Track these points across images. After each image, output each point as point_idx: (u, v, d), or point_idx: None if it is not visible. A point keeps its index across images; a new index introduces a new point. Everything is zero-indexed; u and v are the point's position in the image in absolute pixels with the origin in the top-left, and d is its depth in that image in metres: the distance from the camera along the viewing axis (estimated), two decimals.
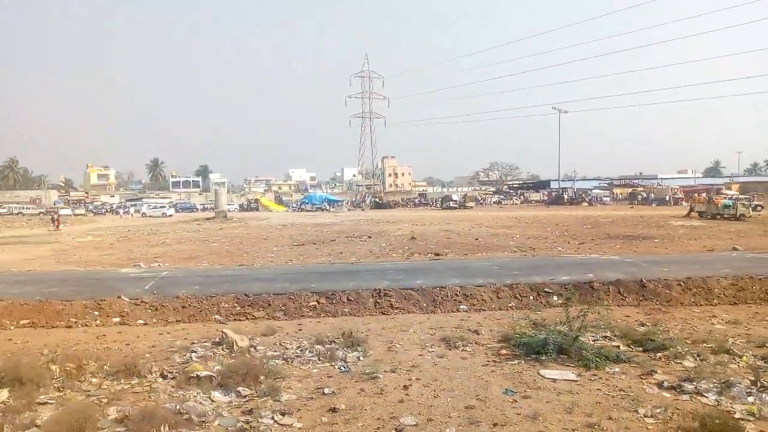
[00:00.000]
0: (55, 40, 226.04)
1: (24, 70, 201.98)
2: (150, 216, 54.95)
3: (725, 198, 37.74)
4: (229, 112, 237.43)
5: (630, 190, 72.89)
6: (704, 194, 43.01)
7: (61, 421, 5.36)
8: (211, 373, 7.13)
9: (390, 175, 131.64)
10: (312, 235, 29.40)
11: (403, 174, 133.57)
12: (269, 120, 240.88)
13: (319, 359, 8.05)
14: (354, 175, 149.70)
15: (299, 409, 6.21)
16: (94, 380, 7.11)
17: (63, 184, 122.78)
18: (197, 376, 7.00)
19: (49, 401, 6.39)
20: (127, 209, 56.53)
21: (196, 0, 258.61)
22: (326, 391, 6.75)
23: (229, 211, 56.23)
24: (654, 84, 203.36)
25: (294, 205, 77.67)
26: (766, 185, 71.38)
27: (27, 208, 67.26)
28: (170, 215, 54.93)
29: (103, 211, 63.97)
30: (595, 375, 7.32)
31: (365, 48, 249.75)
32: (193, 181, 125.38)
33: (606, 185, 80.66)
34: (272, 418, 5.95)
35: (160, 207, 60.93)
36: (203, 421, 5.86)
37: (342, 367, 7.66)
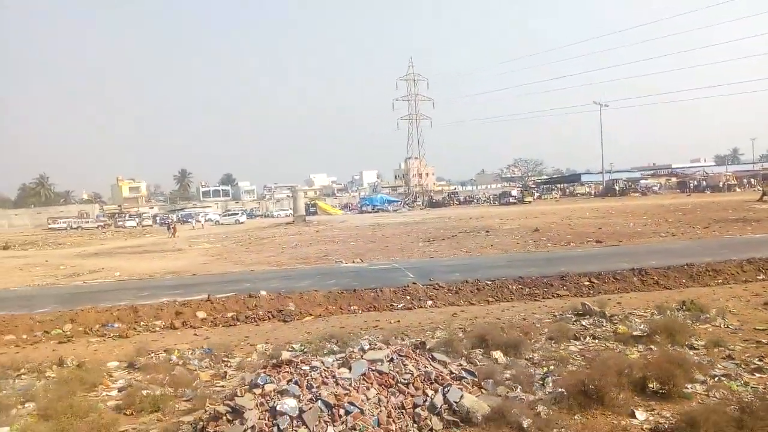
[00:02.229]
0: (75, 61, 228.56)
1: (39, 90, 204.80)
2: (223, 224, 56.47)
3: None
4: (244, 120, 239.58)
5: (677, 179, 74.14)
6: None
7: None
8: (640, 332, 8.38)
9: (414, 175, 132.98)
10: (423, 232, 30.65)
11: (427, 174, 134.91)
12: (287, 126, 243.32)
13: (692, 321, 9.27)
14: (377, 178, 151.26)
15: None
16: None
17: (92, 199, 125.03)
18: (634, 335, 8.24)
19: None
20: (198, 218, 58.20)
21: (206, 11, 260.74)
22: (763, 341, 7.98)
23: (288, 215, 57.74)
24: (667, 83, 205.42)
25: (345, 208, 79.17)
26: None
27: (86, 222, 68.85)
28: (242, 222, 56.36)
29: (167, 222, 65.30)
30: None
31: (389, 52, 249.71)
32: (222, 189, 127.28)
33: (649, 175, 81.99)
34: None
35: (233, 214, 62.64)
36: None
37: (729, 326, 8.89)
